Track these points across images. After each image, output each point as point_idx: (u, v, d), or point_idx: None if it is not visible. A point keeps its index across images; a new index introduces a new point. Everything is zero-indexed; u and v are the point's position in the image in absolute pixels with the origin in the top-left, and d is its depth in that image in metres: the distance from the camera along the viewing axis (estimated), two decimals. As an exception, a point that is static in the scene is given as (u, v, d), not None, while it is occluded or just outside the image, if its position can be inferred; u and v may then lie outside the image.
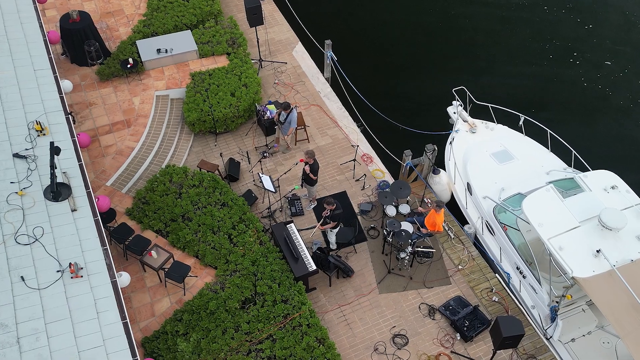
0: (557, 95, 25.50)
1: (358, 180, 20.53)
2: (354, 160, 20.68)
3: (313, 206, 19.51)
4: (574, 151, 19.21)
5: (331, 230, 17.99)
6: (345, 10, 28.69)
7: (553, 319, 16.83)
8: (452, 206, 20.22)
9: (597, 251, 15.91)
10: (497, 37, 27.75)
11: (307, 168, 18.02)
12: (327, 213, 17.37)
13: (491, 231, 18.81)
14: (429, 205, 19.40)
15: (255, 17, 22.13)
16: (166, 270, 17.06)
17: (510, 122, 21.08)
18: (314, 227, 18.16)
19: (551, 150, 20.08)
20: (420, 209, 19.21)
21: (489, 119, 21.27)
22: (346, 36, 27.30)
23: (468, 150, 20.25)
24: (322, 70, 24.14)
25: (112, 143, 20.28)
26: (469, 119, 21.02)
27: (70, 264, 13.50)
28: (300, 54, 24.39)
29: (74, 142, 16.27)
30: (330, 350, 15.90)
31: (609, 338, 16.86)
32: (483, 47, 27.36)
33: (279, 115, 19.91)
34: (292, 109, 19.83)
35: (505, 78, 26.14)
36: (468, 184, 19.49)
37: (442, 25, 28.14)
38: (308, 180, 18.47)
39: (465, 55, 26.96)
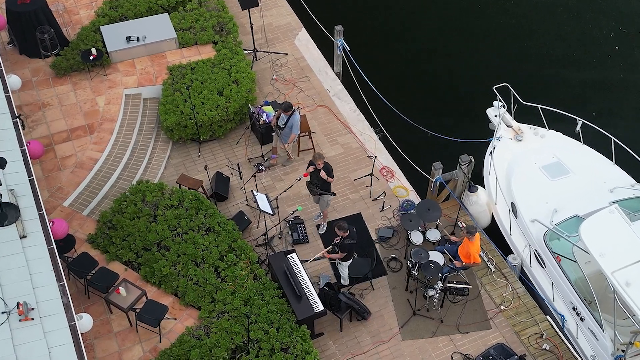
0: (624, 95, 25.18)
1: (376, 199, 20.48)
2: (371, 174, 20.50)
3: (323, 230, 19.57)
4: (644, 163, 19.12)
5: (341, 262, 17.98)
6: (360, -12, 28.61)
7: (619, 372, 16.67)
8: (493, 232, 20.06)
9: (674, 288, 15.79)
10: (549, 21, 27.46)
11: (324, 174, 18.13)
12: (338, 240, 17.43)
13: (541, 263, 18.70)
14: (464, 230, 19.08)
15: (248, -3, 22.01)
16: (138, 311, 16.80)
17: (565, 128, 20.92)
18: (322, 257, 18.23)
19: (615, 163, 19.96)
20: (453, 237, 19.07)
21: (538, 123, 21.06)
22: (361, 21, 26.85)
23: (513, 162, 20.17)
24: (331, 64, 23.83)
25: (70, 153, 20.09)
26: (514, 123, 20.96)
27: (18, 303, 13.36)
28: (305, 43, 24.16)
29: (23, 152, 16.10)
30: (341, 411, 15.58)
31: (687, 396, 16.74)
32: (531, 34, 26.94)
33: (278, 119, 19.79)
34: (294, 110, 19.74)
35: (559, 72, 25.76)
36: (512, 204, 19.41)
37: (480, 7, 28.06)
38: (325, 186, 18.54)
39: (510, 44, 26.59)
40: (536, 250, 18.63)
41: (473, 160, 20.21)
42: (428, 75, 25.89)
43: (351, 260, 17.95)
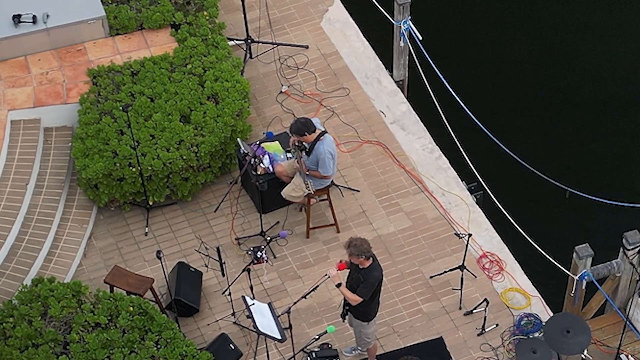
0: None
1: (471, 312, 16.99)
2: (462, 267, 16.68)
3: None
4: None
5: None
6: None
7: None
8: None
9: None
10: None
11: (346, 291, 15.50)
12: (399, 386, 14.79)
13: None
14: (631, 370, 16.92)
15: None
16: None
17: None
18: None
19: None
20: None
21: None
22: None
23: None
24: (389, 65, 20.58)
25: None
26: None
27: None
28: (340, 28, 20.90)
29: None
30: None
31: None
32: None
33: (298, 146, 16.97)
34: (323, 133, 16.97)
35: None
36: None
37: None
38: (360, 307, 15.47)
39: None
40: None
41: (647, 241, 17.36)
42: (561, 88, 22.87)
43: None
